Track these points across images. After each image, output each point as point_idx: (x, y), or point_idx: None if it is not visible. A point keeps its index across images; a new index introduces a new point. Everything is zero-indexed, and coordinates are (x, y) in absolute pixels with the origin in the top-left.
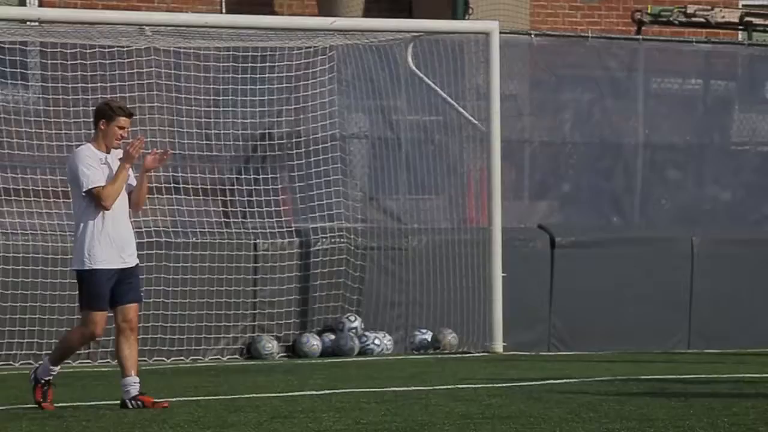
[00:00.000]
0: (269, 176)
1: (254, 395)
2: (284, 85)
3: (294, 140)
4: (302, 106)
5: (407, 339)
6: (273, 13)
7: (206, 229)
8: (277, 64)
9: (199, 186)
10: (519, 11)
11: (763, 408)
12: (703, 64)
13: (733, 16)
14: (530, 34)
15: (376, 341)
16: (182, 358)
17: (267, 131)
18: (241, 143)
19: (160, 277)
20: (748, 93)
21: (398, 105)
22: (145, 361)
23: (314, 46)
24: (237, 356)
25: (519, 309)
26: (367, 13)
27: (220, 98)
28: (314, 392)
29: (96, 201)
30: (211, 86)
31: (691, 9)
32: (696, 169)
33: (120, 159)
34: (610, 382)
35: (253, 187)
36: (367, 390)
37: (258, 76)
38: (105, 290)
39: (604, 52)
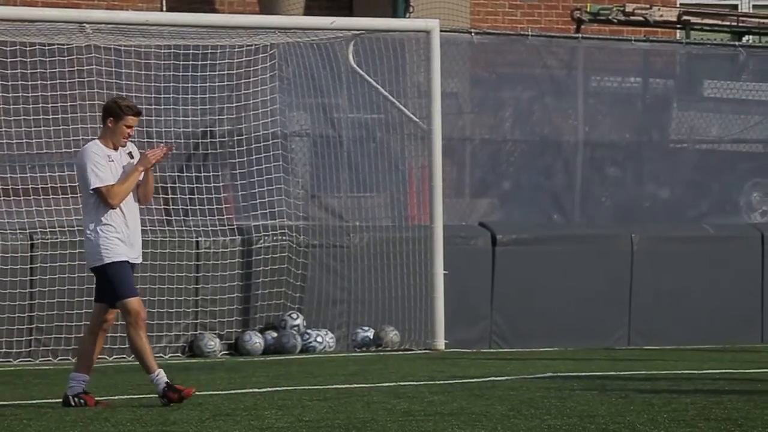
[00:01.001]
0: (211, 174)
1: (196, 393)
2: (225, 83)
3: (235, 138)
4: (243, 104)
5: (349, 336)
6: (214, 11)
7: (148, 228)
8: (218, 62)
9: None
10: (459, 9)
11: (702, 404)
12: (641, 63)
13: (671, 15)
14: (471, 33)
15: (318, 339)
16: (124, 356)
17: (208, 129)
18: (182, 141)
19: None
20: (687, 91)
21: (339, 103)
22: None
23: (255, 44)
24: (179, 354)
25: (460, 306)
26: (308, 10)
27: (161, 96)
28: (256, 390)
29: (102, 200)
30: (152, 84)
31: (629, 8)
32: (635, 167)
33: (129, 153)
34: (551, 379)
35: (195, 185)
36: (310, 387)
37: (199, 74)
38: (130, 276)
39: (544, 50)
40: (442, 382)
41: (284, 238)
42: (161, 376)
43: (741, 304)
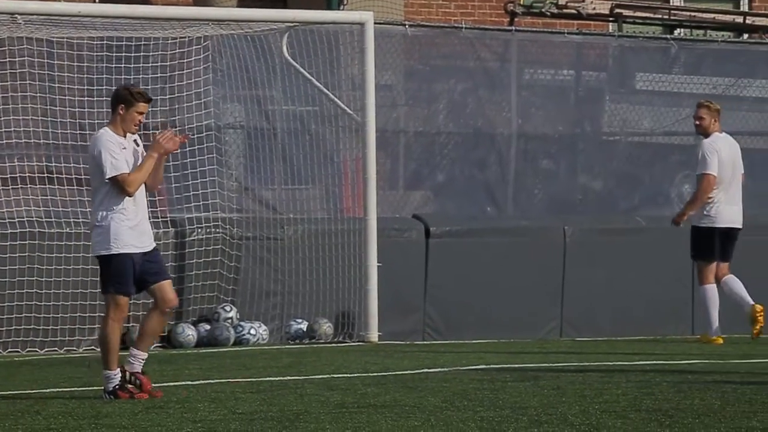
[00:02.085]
0: None
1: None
2: (159, 75)
3: (169, 130)
4: (177, 96)
5: (283, 329)
6: (147, 2)
7: (80, 219)
8: (151, 54)
9: (73, 176)
10: (393, 2)
11: (633, 395)
12: (574, 56)
13: (603, 8)
14: (404, 25)
15: (252, 331)
16: (56, 348)
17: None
18: None
19: (34, 267)
20: (619, 84)
21: (274, 95)
22: (18, 352)
23: (189, 36)
24: None
25: (394, 298)
26: (242, 2)
27: (94, 88)
28: (189, 382)
29: (119, 187)
30: (85, 76)
31: (563, 1)
32: (568, 160)
33: (135, 141)
34: (484, 370)
35: None
36: (243, 380)
37: (132, 65)
38: (130, 274)
39: (478, 42)
40: (375, 374)
41: (218, 230)
42: (117, 376)
43: (672, 295)
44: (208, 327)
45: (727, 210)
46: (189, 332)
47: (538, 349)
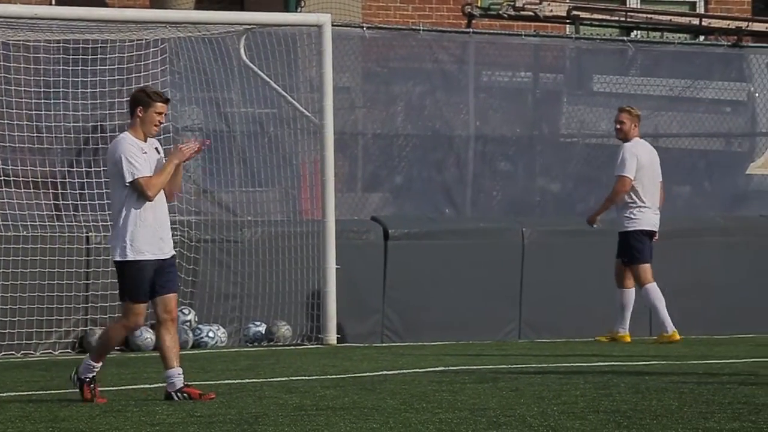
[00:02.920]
0: (101, 169)
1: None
2: (116, 77)
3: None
4: None
5: (241, 331)
6: (104, 5)
7: (37, 223)
8: (108, 56)
9: (30, 179)
10: (351, 4)
11: (592, 396)
12: (532, 58)
13: (560, 10)
14: (362, 27)
15: (210, 334)
16: (13, 352)
17: (99, 124)
18: (72, 136)
19: None
20: (576, 86)
21: (232, 97)
22: None
23: (146, 39)
24: (69, 350)
25: (353, 301)
26: (199, 5)
27: (51, 90)
28: (147, 385)
29: (140, 191)
30: (42, 78)
31: (520, 3)
32: (526, 161)
33: (156, 149)
34: (443, 372)
35: (85, 180)
36: (201, 383)
37: (89, 68)
38: (147, 282)
39: (436, 45)
40: (334, 376)
41: (175, 233)
42: (95, 370)
43: None
44: None
45: (650, 213)
46: (147, 335)
47: (496, 351)
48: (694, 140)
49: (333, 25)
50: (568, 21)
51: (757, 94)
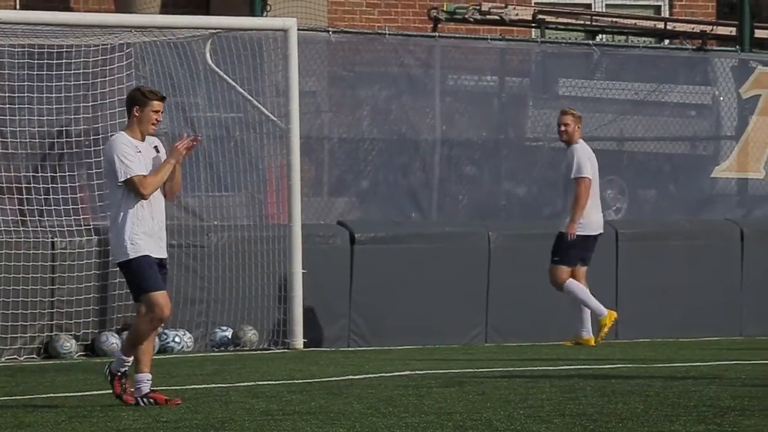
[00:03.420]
0: (66, 174)
1: (52, 395)
2: (81, 82)
3: (92, 138)
4: (100, 103)
5: (207, 336)
6: (69, 9)
7: (2, 228)
8: (73, 61)
9: None
10: (317, 8)
11: (558, 399)
12: (497, 61)
13: (526, 14)
14: (328, 31)
15: (176, 339)
16: None
17: (64, 129)
18: (37, 141)
19: None
20: (542, 90)
21: (197, 102)
22: None
23: (111, 43)
24: (34, 356)
25: (319, 305)
26: (165, 9)
27: (15, 95)
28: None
29: (134, 190)
30: (6, 83)
31: (485, 7)
32: (492, 165)
33: (155, 147)
34: (409, 376)
35: (50, 185)
36: (167, 388)
37: (54, 73)
38: (156, 271)
39: (401, 49)
40: (300, 381)
41: None
42: (128, 364)
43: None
44: None
45: (596, 216)
46: (113, 340)
47: (463, 355)
48: (659, 144)
49: (299, 30)
50: (533, 25)
51: (721, 98)
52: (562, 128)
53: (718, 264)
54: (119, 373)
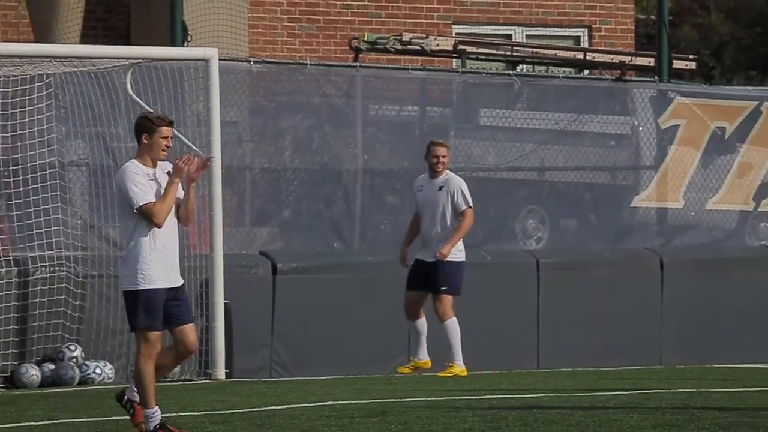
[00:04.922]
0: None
1: (170, 426)
2: (0, 112)
3: (11, 168)
4: (19, 133)
5: (129, 367)
6: None
7: None
8: None
9: None
10: (238, 38)
11: (480, 429)
12: (419, 91)
13: (447, 44)
14: (249, 61)
15: (97, 370)
16: None
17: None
18: None
19: None
20: (463, 119)
21: (118, 132)
22: None
23: (30, 73)
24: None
25: (241, 335)
26: (85, 39)
27: None
28: (33, 423)
29: (147, 218)
30: None
31: (406, 37)
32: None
33: (168, 173)
34: (332, 407)
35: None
36: (88, 419)
37: None
38: (159, 309)
39: (323, 79)
40: (222, 411)
41: (62, 268)
42: (157, 415)
43: (517, 329)
44: (52, 367)
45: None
46: (33, 372)
47: (385, 385)
48: (579, 173)
49: (220, 60)
50: (454, 55)
51: (640, 128)
52: (443, 160)
53: (638, 293)
54: (157, 426)
